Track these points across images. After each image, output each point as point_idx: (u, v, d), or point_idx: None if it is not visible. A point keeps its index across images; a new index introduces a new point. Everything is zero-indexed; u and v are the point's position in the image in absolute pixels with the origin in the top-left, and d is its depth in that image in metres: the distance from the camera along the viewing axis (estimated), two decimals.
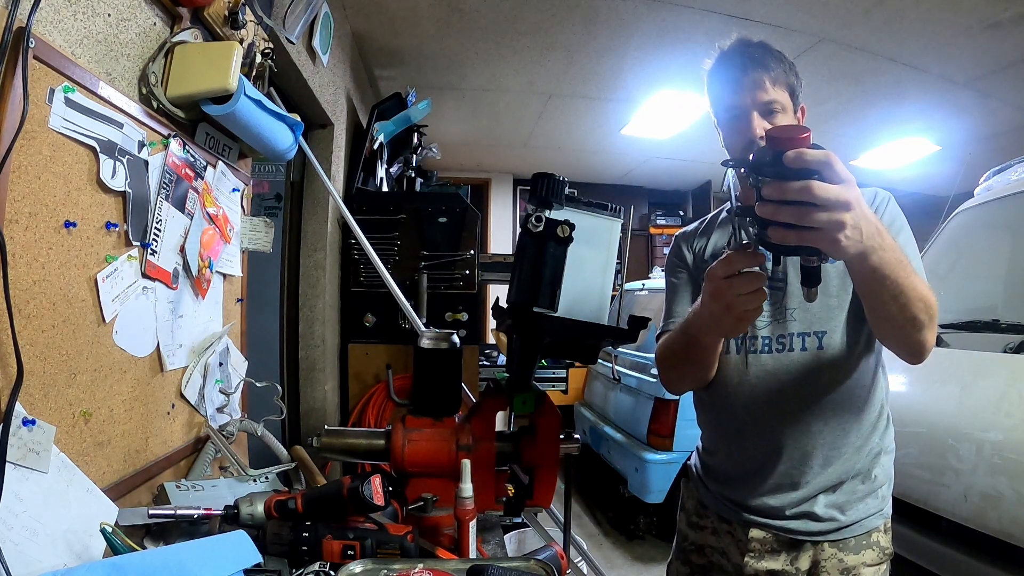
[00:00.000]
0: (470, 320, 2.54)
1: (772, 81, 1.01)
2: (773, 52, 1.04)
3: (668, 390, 1.16)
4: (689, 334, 0.96)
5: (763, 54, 1.03)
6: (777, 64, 1.02)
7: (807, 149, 0.63)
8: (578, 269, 0.88)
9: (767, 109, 1.01)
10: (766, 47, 1.04)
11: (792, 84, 1.04)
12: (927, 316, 0.86)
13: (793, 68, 1.05)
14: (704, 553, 1.15)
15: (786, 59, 1.05)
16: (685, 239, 1.21)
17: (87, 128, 0.86)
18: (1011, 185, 2.26)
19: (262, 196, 2.36)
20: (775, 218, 0.65)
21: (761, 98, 1.00)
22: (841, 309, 1.01)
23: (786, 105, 1.02)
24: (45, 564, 0.72)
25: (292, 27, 1.53)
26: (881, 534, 1.03)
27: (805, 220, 0.63)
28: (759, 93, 1.00)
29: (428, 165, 3.65)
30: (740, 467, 1.07)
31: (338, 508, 0.88)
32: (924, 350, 0.92)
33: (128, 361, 1.01)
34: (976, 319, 1.95)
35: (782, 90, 1.02)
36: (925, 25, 2.56)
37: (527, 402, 0.98)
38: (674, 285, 1.19)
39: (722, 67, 1.06)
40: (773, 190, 0.64)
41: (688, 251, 1.18)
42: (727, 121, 1.06)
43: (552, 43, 2.84)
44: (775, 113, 1.01)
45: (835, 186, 0.63)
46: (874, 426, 1.04)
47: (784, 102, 1.02)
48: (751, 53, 1.03)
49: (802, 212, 0.63)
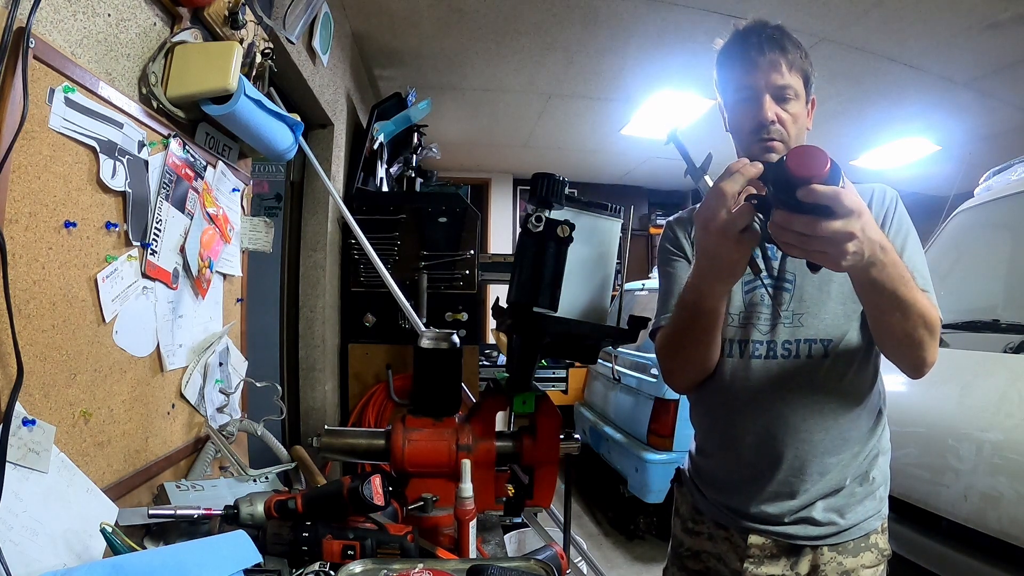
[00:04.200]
0: (470, 320, 2.54)
1: (789, 65, 0.97)
2: (791, 37, 1.00)
3: (670, 385, 1.11)
4: (689, 306, 0.92)
5: (782, 36, 0.99)
6: (795, 49, 0.99)
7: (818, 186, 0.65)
8: (578, 269, 0.88)
9: (781, 94, 0.97)
10: (784, 30, 1.01)
11: (807, 72, 1.01)
12: (927, 332, 0.86)
13: (808, 56, 1.02)
14: (700, 559, 1.13)
15: (802, 46, 1.01)
16: (679, 223, 1.15)
17: (87, 128, 0.86)
18: (1011, 185, 2.26)
19: (262, 196, 2.36)
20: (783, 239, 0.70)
21: (776, 81, 0.97)
22: (848, 318, 0.99)
23: (799, 92, 0.99)
24: (45, 564, 0.71)
25: (292, 27, 1.53)
26: (879, 535, 1.02)
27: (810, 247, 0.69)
28: (774, 75, 0.97)
29: (428, 165, 3.65)
30: (736, 474, 1.05)
31: (338, 508, 0.88)
32: (924, 365, 0.92)
33: (128, 361, 1.00)
34: (976, 319, 1.95)
35: (797, 76, 0.99)
36: (925, 25, 2.56)
37: (527, 402, 0.98)
38: (670, 274, 1.11)
39: (737, 45, 1.01)
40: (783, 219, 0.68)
41: (684, 237, 1.11)
42: (736, 103, 1.02)
43: (552, 43, 2.84)
44: (788, 100, 0.98)
45: (839, 221, 0.67)
46: (872, 430, 1.03)
47: (798, 89, 0.99)
48: (770, 33, 0.99)
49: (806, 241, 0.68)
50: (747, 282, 1.04)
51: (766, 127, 0.97)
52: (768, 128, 0.97)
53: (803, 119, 1.01)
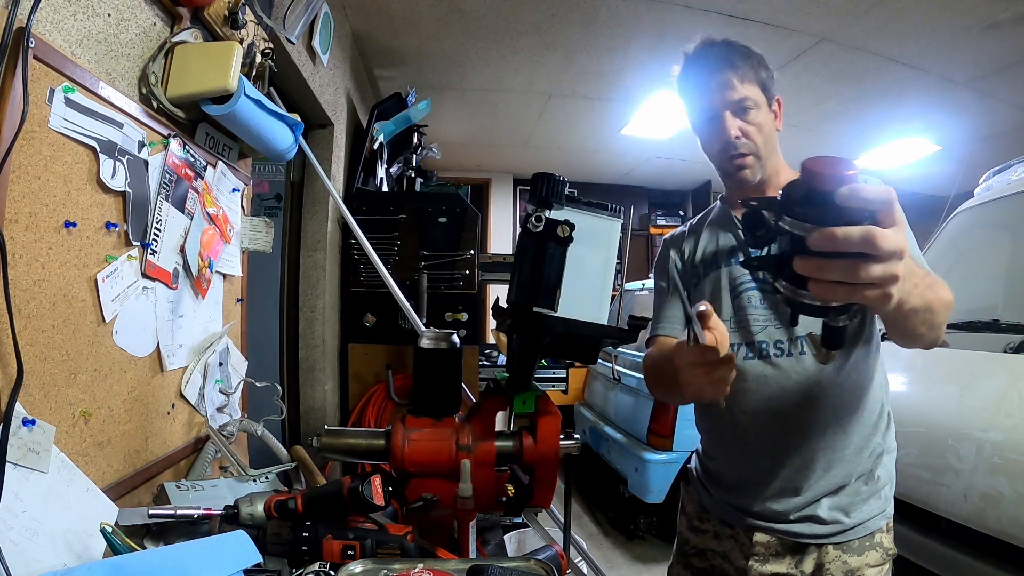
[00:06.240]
0: (470, 320, 2.54)
1: (740, 79, 1.00)
2: (738, 48, 1.03)
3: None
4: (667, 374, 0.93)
5: (728, 52, 1.02)
6: (743, 60, 1.01)
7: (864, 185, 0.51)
8: (578, 269, 0.88)
9: (739, 108, 1.01)
10: (730, 44, 1.03)
11: (762, 78, 1.03)
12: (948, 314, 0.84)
13: (762, 61, 1.04)
14: (706, 557, 1.14)
15: (753, 53, 1.04)
16: (673, 243, 1.20)
17: (87, 128, 0.86)
18: (1011, 185, 2.26)
19: (262, 196, 2.36)
20: (823, 276, 0.52)
21: (731, 97, 1.00)
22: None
23: (758, 100, 1.02)
24: (45, 564, 0.71)
25: (292, 27, 1.53)
26: (884, 534, 1.02)
27: (861, 277, 0.51)
28: (728, 92, 1.00)
29: (428, 165, 3.65)
30: (742, 474, 1.06)
31: (338, 508, 0.88)
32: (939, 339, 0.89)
33: (128, 361, 1.00)
34: (976, 319, 1.95)
35: (752, 85, 1.01)
36: (925, 25, 2.56)
37: (527, 402, 0.98)
38: (663, 289, 1.18)
39: (689, 71, 1.06)
40: (824, 239, 0.51)
41: (676, 255, 1.17)
42: (700, 126, 1.06)
43: (552, 43, 2.84)
44: (748, 110, 1.01)
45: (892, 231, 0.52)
46: (875, 425, 1.03)
47: (756, 98, 1.01)
48: (715, 53, 1.02)
49: (858, 267, 0.51)
50: (735, 286, 1.05)
51: (732, 144, 1.01)
52: (735, 144, 1.01)
53: (769, 125, 1.04)
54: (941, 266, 2.28)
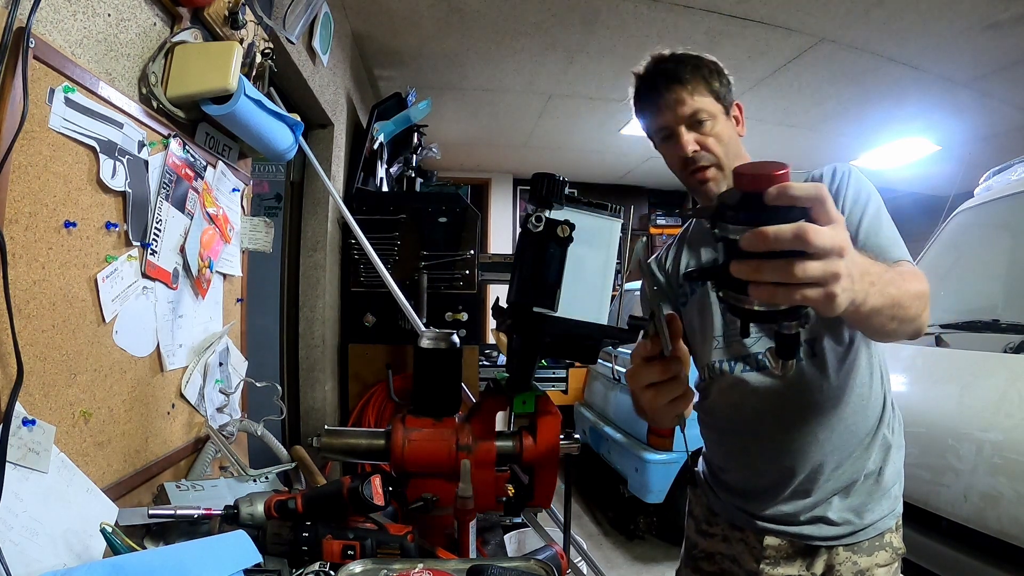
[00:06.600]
0: (470, 320, 2.54)
1: (690, 92, 1.00)
2: (687, 61, 1.03)
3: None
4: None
5: (676, 67, 1.02)
6: (693, 73, 1.01)
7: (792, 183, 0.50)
8: (578, 269, 0.88)
9: (693, 121, 1.01)
10: (678, 58, 1.03)
11: (715, 88, 1.02)
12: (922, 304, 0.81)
13: (715, 69, 1.04)
14: (715, 561, 1.13)
15: (704, 63, 1.03)
16: (656, 261, 1.22)
17: (87, 128, 0.86)
18: (1011, 185, 2.26)
19: (262, 196, 2.36)
20: (759, 277, 0.51)
21: (683, 112, 1.00)
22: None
23: (713, 111, 1.01)
24: (45, 564, 0.71)
25: (292, 27, 1.53)
26: (893, 534, 1.02)
27: (797, 275, 0.50)
28: (680, 108, 1.00)
29: (428, 165, 3.65)
30: (750, 482, 1.06)
31: (338, 508, 0.88)
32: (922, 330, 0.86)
33: (128, 361, 1.00)
34: (976, 319, 1.95)
35: (703, 96, 1.01)
36: (925, 25, 2.56)
37: (527, 402, 0.98)
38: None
39: (641, 92, 1.06)
40: (755, 239, 0.50)
41: (659, 272, 1.19)
42: (660, 144, 1.07)
43: (552, 43, 2.84)
44: (703, 122, 1.01)
45: (828, 228, 0.51)
46: (880, 417, 1.02)
47: (709, 109, 1.01)
48: (663, 70, 1.02)
49: (792, 265, 0.50)
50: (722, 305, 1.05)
51: (692, 159, 1.02)
52: (694, 159, 1.02)
53: (728, 133, 1.03)
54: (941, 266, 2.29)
